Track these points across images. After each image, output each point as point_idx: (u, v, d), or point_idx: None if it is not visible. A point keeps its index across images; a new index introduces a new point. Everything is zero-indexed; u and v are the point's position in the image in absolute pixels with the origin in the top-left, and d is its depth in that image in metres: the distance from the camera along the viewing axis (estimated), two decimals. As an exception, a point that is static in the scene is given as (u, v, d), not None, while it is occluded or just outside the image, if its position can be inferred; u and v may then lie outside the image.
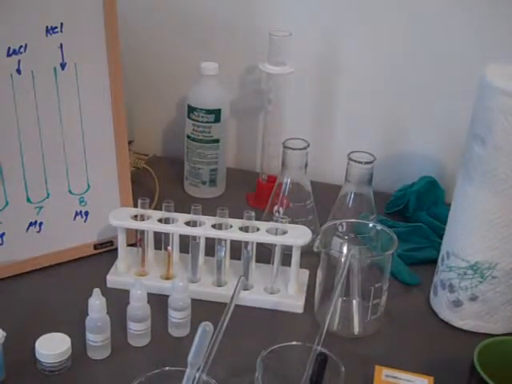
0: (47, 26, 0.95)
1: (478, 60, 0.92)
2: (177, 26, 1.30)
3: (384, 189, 1.22)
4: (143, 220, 0.99)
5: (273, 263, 0.98)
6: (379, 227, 0.95)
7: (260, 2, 1.25)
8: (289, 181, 1.08)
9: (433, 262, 1.01)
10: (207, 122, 1.19)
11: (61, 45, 0.96)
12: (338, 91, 1.28)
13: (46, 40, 0.95)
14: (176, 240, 1.01)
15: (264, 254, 1.01)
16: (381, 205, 1.18)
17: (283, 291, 0.99)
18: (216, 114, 1.19)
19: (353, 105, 1.28)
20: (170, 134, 1.40)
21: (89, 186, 1.04)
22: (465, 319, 0.94)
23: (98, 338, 0.86)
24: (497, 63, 0.88)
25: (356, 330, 0.94)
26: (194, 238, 0.98)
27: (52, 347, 0.84)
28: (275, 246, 0.97)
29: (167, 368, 0.74)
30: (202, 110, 1.19)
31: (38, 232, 1.02)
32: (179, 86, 1.32)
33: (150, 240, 1.01)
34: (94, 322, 0.85)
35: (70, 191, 1.03)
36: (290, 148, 1.05)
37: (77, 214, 1.04)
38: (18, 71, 0.94)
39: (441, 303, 0.96)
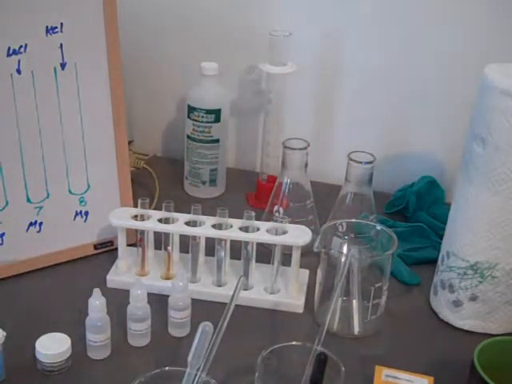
0: (47, 26, 0.95)
1: (478, 60, 0.92)
2: (177, 26, 1.30)
3: (384, 189, 1.22)
4: (143, 220, 0.99)
5: (273, 263, 0.98)
6: (379, 227, 0.95)
7: (260, 2, 1.25)
8: (289, 181, 1.08)
9: (433, 261, 1.01)
10: (207, 122, 1.19)
11: (61, 45, 0.96)
12: (338, 91, 1.28)
13: (45, 40, 0.95)
14: (176, 240, 1.01)
15: (264, 254, 1.01)
16: (381, 205, 1.18)
17: (283, 291, 0.99)
18: (216, 114, 1.19)
19: (353, 105, 1.28)
20: (169, 134, 1.40)
21: (89, 185, 1.04)
22: (465, 319, 0.94)
23: (97, 338, 0.86)
24: (497, 63, 0.88)
25: (356, 329, 0.94)
26: (194, 237, 0.98)
27: (52, 347, 0.84)
28: (275, 246, 0.97)
29: (167, 368, 0.74)
30: (202, 110, 1.19)
31: (38, 232, 1.02)
32: (179, 86, 1.32)
33: (150, 240, 1.01)
34: (93, 322, 0.85)
35: (69, 191, 1.03)
36: (290, 148, 1.05)
37: (77, 213, 1.04)
38: (18, 71, 0.94)
39: (441, 303, 0.96)
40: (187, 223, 0.98)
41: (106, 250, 1.07)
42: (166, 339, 0.91)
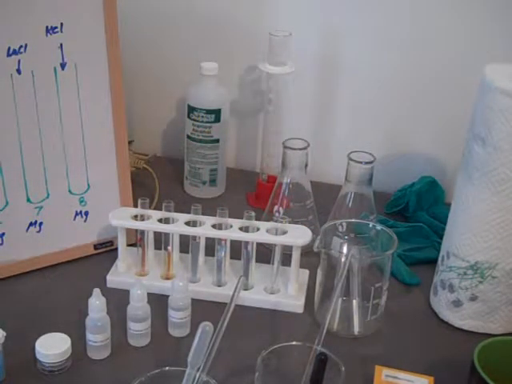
0: (47, 26, 0.95)
1: (478, 60, 0.92)
2: (177, 26, 1.30)
3: (384, 189, 1.22)
4: (143, 220, 0.99)
5: (273, 263, 0.98)
6: (379, 227, 0.95)
7: (260, 2, 1.25)
8: (289, 181, 1.08)
9: (433, 261, 1.01)
10: (207, 122, 1.19)
11: (61, 45, 0.96)
12: (338, 91, 1.28)
13: (46, 40, 0.95)
14: (176, 240, 1.01)
15: (264, 254, 1.01)
16: (381, 205, 1.18)
17: (283, 291, 0.99)
18: (216, 113, 1.19)
19: (353, 105, 1.28)
20: (169, 134, 1.40)
21: (89, 185, 1.04)
22: (465, 319, 0.94)
23: (97, 338, 0.86)
24: (497, 63, 0.88)
25: (356, 329, 0.94)
26: (194, 237, 0.98)
27: (52, 347, 0.84)
28: (275, 246, 0.97)
29: (167, 368, 0.74)
30: (202, 110, 1.19)
31: (38, 232, 1.02)
32: (179, 86, 1.32)
33: (149, 240, 1.01)
34: (94, 322, 0.85)
35: (70, 191, 1.03)
36: (290, 148, 1.05)
37: (77, 213, 1.04)
38: (18, 71, 0.94)
39: (441, 303, 0.96)
40: (187, 223, 0.98)
41: (106, 250, 1.07)
42: (166, 339, 0.91)
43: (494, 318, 0.93)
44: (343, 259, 0.88)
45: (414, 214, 1.18)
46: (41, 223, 1.01)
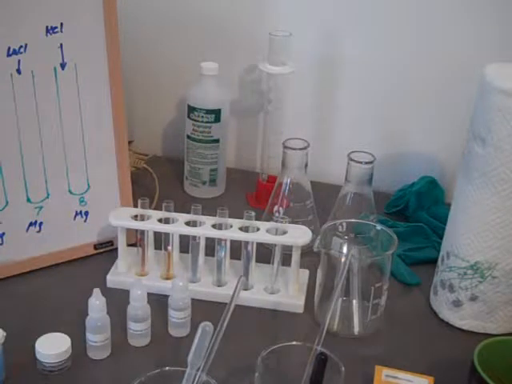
0: (47, 26, 0.95)
1: (478, 60, 0.92)
2: (177, 26, 1.30)
3: (384, 189, 1.22)
4: (143, 220, 0.99)
5: (273, 263, 0.98)
6: (379, 227, 0.95)
7: (260, 2, 1.25)
8: (289, 181, 1.08)
9: (433, 261, 1.01)
10: (207, 122, 1.19)
11: (61, 45, 0.97)
12: (338, 91, 1.28)
13: (46, 40, 0.95)
14: (176, 240, 1.01)
15: (264, 254, 1.01)
16: (381, 205, 1.18)
17: (283, 291, 0.99)
18: (216, 113, 1.19)
19: (353, 105, 1.28)
20: (170, 133, 1.40)
21: (89, 185, 1.04)
22: (465, 319, 0.94)
23: (98, 338, 0.86)
24: (497, 63, 0.88)
25: (356, 329, 0.94)
26: (194, 238, 0.98)
27: (52, 347, 0.84)
28: (275, 245, 0.97)
29: (167, 368, 0.74)
30: (202, 109, 1.19)
31: (38, 232, 1.02)
32: (179, 86, 1.32)
33: (150, 240, 1.01)
34: (94, 322, 0.85)
35: (70, 191, 1.03)
36: (290, 148, 1.05)
37: (77, 213, 1.04)
38: (18, 71, 0.94)
39: (441, 303, 0.96)
40: (187, 223, 0.98)
41: (106, 250, 1.07)
42: (166, 339, 0.91)
43: (493, 317, 0.93)
44: (343, 259, 0.88)
45: (414, 214, 1.18)
46: (41, 223, 1.02)
